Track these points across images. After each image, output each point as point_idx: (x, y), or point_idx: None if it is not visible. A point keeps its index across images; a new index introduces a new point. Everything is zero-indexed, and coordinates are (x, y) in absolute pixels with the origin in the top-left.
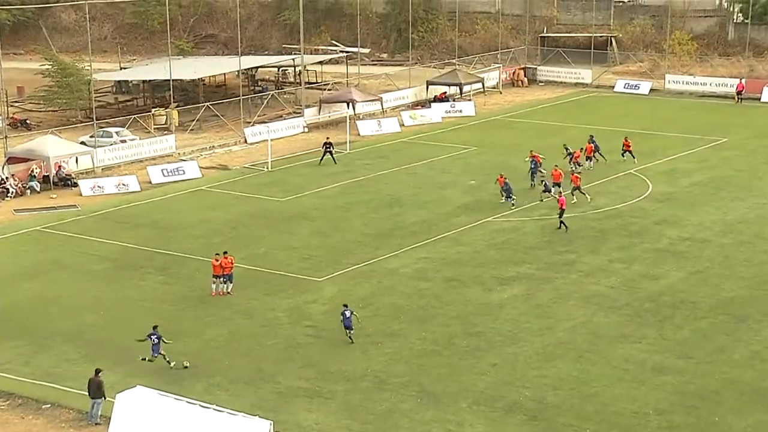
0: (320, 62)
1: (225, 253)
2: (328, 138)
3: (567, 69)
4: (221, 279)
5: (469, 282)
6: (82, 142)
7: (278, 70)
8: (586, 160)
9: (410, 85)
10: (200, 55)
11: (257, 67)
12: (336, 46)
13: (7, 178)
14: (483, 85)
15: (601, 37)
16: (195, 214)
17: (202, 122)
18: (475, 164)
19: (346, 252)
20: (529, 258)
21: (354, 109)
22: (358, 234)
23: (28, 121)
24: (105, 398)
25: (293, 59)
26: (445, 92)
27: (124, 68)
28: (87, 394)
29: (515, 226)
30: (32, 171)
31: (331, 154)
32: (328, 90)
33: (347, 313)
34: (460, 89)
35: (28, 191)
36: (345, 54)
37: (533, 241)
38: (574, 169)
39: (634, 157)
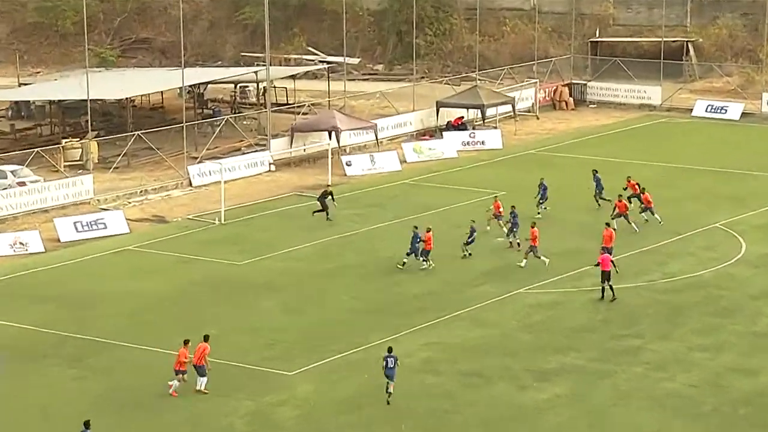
0: (292, 76)
1: (206, 338)
2: (328, 186)
3: (627, 86)
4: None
5: (495, 377)
6: None
7: (235, 87)
8: (642, 212)
9: (414, 108)
10: (129, 67)
11: (207, 83)
12: (314, 54)
13: None
14: (513, 107)
15: (674, 42)
16: (121, 284)
17: (130, 158)
18: (504, 215)
19: (326, 335)
20: (577, 344)
21: (338, 140)
22: (343, 310)
23: None
24: None
25: (256, 72)
26: (462, 117)
27: (25, 84)
28: None
29: (557, 300)
30: None
31: (326, 209)
32: (303, 114)
33: (390, 362)
34: (482, 113)
35: None
36: (326, 65)
37: (582, 320)
38: (539, 212)
39: (642, 203)
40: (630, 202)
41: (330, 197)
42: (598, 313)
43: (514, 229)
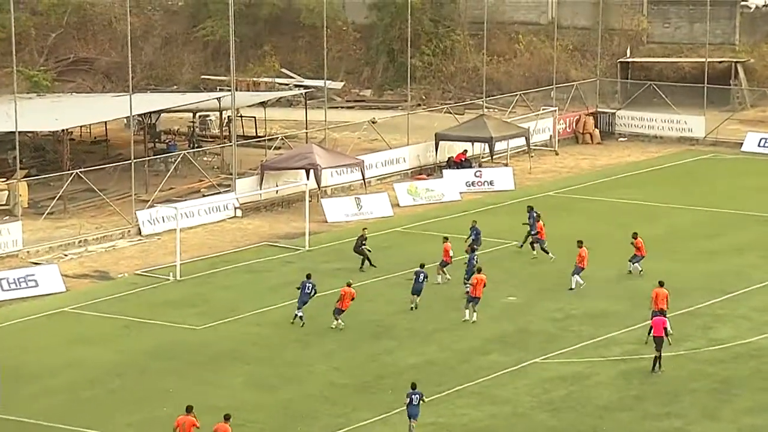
0: (263, 104)
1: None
2: (365, 229)
3: (664, 115)
4: None
5: None
6: None
7: (194, 117)
8: (630, 260)
9: (409, 142)
10: (66, 93)
11: (160, 112)
12: (289, 77)
13: None
14: (528, 140)
15: (720, 63)
16: (55, 354)
17: (67, 201)
18: (516, 270)
19: (302, 415)
20: (605, 425)
21: (317, 179)
22: (323, 385)
23: None
24: None
25: (218, 99)
26: (466, 152)
27: None
28: None
29: (581, 372)
30: None
31: (366, 256)
32: (276, 149)
33: (414, 398)
34: (491, 147)
35: None
36: (303, 90)
37: (611, 396)
38: (473, 257)
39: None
40: (533, 248)
41: (363, 242)
42: (631, 387)
43: (467, 272)
